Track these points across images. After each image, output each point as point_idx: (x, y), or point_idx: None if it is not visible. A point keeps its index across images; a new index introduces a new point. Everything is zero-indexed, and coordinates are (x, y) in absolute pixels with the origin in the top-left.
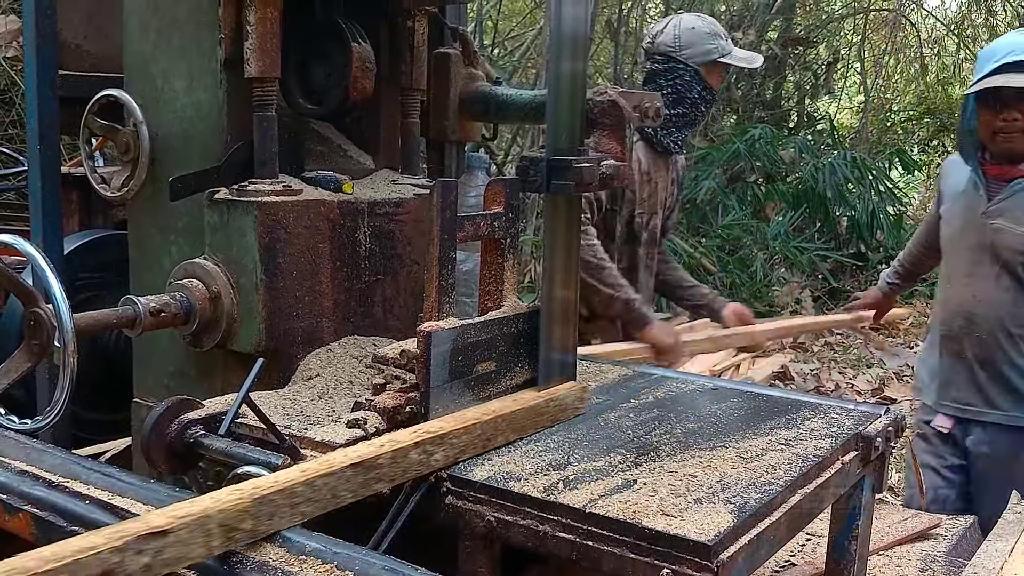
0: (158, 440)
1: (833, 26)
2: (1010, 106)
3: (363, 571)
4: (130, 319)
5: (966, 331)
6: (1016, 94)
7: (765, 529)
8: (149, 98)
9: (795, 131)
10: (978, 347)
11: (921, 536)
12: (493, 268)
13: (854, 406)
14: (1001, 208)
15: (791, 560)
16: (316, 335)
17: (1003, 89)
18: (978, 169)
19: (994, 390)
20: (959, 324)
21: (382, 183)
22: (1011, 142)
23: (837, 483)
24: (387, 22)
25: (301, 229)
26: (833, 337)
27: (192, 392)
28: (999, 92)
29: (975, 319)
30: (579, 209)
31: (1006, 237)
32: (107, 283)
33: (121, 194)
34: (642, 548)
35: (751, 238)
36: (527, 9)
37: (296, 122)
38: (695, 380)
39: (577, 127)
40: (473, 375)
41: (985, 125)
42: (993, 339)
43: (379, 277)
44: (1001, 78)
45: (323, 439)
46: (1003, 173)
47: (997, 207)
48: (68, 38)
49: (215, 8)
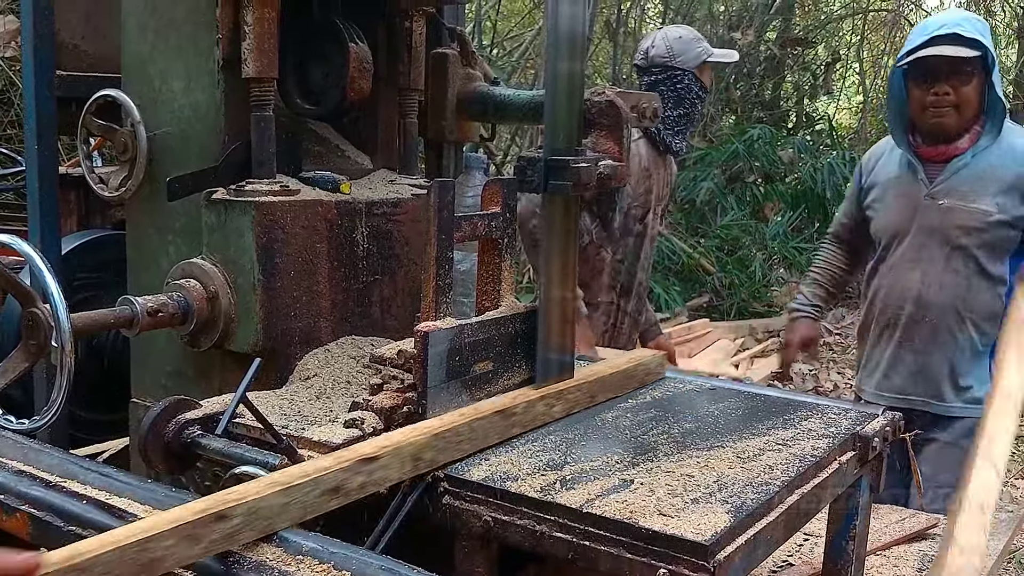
0: (155, 440)
1: (832, 26)
2: (940, 79)
3: (360, 571)
4: (128, 319)
5: (914, 318)
6: (947, 66)
7: (762, 529)
8: (147, 98)
9: (794, 131)
10: (926, 332)
11: (918, 536)
12: (490, 268)
13: (851, 406)
14: (947, 188)
15: (789, 560)
16: (314, 335)
17: (933, 60)
18: (913, 153)
19: (940, 378)
20: (907, 311)
21: (380, 183)
22: (941, 116)
23: (834, 483)
24: (385, 22)
25: (299, 229)
26: (832, 338)
27: (190, 392)
28: (929, 65)
29: (924, 304)
30: (578, 208)
31: (956, 215)
32: (105, 283)
33: (119, 194)
34: (639, 548)
35: (750, 238)
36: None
37: (294, 122)
38: (692, 380)
39: (575, 127)
40: (470, 375)
41: (915, 101)
42: (943, 323)
43: (377, 277)
44: (932, 50)
45: (321, 439)
46: (939, 154)
47: (942, 187)
48: (66, 38)
49: (213, 8)
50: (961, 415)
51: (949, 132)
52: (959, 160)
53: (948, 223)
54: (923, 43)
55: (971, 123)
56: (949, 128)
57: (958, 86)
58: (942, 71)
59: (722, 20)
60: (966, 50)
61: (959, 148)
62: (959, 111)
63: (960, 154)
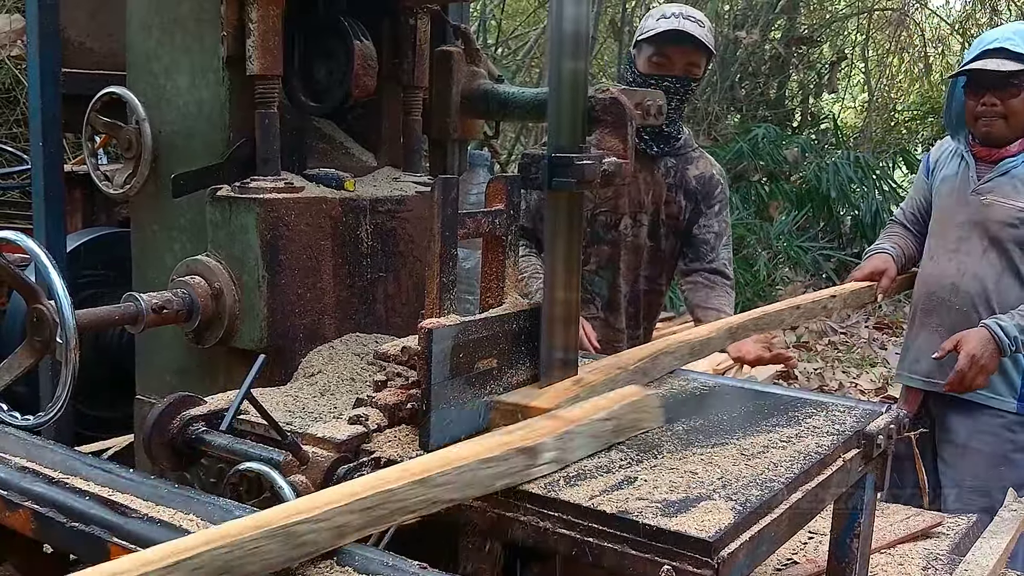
0: (160, 436)
1: (837, 25)
2: (989, 91)
3: (363, 567)
4: (132, 316)
5: (947, 304)
6: (995, 79)
7: (766, 526)
8: (152, 96)
9: (799, 130)
10: (956, 319)
11: (923, 534)
12: (494, 265)
13: (856, 404)
14: (991, 186)
15: (793, 558)
16: (318, 332)
17: (980, 73)
18: (968, 151)
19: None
20: (939, 297)
21: (384, 181)
22: (990, 126)
23: (839, 481)
24: (389, 20)
25: (303, 226)
26: (836, 336)
27: (194, 389)
28: (979, 77)
29: (957, 291)
30: (581, 206)
31: (996, 211)
32: (110, 280)
33: (124, 191)
34: (643, 545)
35: (755, 237)
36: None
37: (298, 119)
38: (697, 378)
39: (579, 125)
40: (474, 372)
41: (968, 109)
42: (974, 311)
43: (381, 274)
44: (980, 63)
45: (325, 435)
46: (990, 155)
47: (987, 185)
48: (71, 36)
49: (217, 6)
50: (981, 402)
51: (998, 140)
52: (1009, 162)
53: (989, 217)
54: (975, 56)
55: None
56: (998, 137)
57: (1005, 98)
58: (989, 83)
59: (727, 19)
60: (1012, 64)
61: (1010, 151)
62: (1007, 121)
63: (1010, 156)
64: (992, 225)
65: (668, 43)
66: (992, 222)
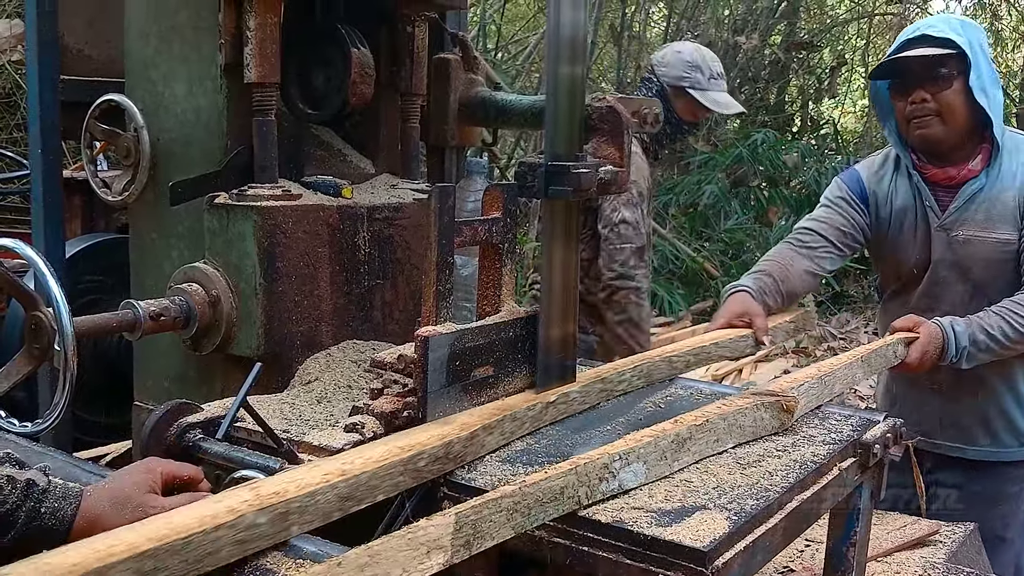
0: (157, 443)
1: (837, 30)
2: (917, 86)
3: None
4: (130, 323)
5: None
6: (920, 68)
7: (761, 535)
8: (150, 103)
9: (799, 136)
10: (951, 376)
11: (920, 543)
12: (491, 273)
13: (853, 412)
14: (961, 217)
15: (789, 566)
16: (315, 339)
17: (904, 65)
18: (917, 172)
19: (971, 424)
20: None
21: (381, 188)
22: (925, 127)
23: (835, 490)
24: (387, 27)
25: (300, 234)
26: (836, 342)
27: (191, 396)
28: (903, 68)
29: None
30: (577, 214)
31: (974, 248)
32: (108, 287)
33: (122, 198)
34: (637, 554)
35: (754, 242)
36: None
37: (296, 127)
38: (694, 385)
39: (576, 132)
40: (471, 379)
41: (899, 114)
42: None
43: (378, 281)
44: (902, 54)
45: (321, 443)
46: (948, 177)
47: (955, 216)
48: (70, 43)
49: (215, 14)
50: (994, 460)
51: (941, 145)
52: (973, 183)
53: (968, 257)
54: (895, 50)
55: (970, 136)
56: (937, 140)
57: (936, 92)
58: (914, 76)
59: (727, 24)
60: (935, 49)
61: (972, 171)
62: (942, 119)
63: (974, 176)
64: (974, 265)
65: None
66: (973, 261)
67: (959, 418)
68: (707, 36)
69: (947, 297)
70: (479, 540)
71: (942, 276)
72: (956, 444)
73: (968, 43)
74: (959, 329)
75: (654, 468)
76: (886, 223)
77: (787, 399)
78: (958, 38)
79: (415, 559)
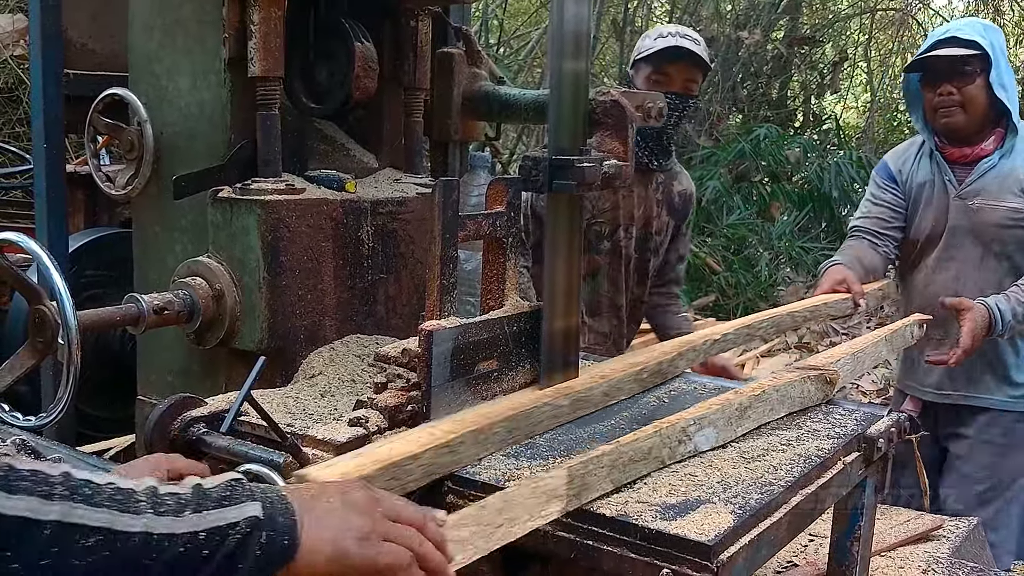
0: (161, 437)
1: (839, 25)
2: (944, 80)
3: None
4: (134, 317)
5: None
6: (948, 66)
7: (766, 529)
8: (153, 97)
9: (801, 131)
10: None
11: (924, 537)
12: (495, 267)
13: (857, 407)
14: (976, 188)
15: (793, 561)
16: (319, 333)
17: (932, 62)
18: (939, 153)
19: (981, 371)
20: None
21: (385, 182)
22: (949, 116)
23: (839, 484)
24: (390, 21)
25: (304, 228)
26: (838, 338)
27: (195, 390)
28: (933, 66)
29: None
30: (581, 208)
31: (986, 214)
32: (112, 281)
33: (126, 192)
34: (642, 548)
35: (756, 238)
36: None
37: (299, 121)
38: (697, 380)
39: (579, 127)
40: (475, 374)
41: (927, 103)
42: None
43: (382, 276)
44: (933, 53)
45: (325, 437)
46: (964, 156)
47: (970, 188)
48: (73, 37)
49: (219, 8)
50: (1003, 408)
51: (962, 132)
52: (986, 161)
53: (980, 222)
54: (928, 48)
55: (987, 123)
56: (959, 127)
57: (961, 86)
58: (943, 72)
59: (729, 19)
60: (962, 50)
61: (986, 150)
62: (965, 110)
63: (987, 155)
64: (986, 230)
65: (667, 61)
66: (985, 226)
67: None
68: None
69: (960, 256)
70: (586, 492)
71: (958, 239)
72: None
73: (991, 45)
74: (1003, 307)
75: (722, 432)
76: (910, 194)
77: (830, 372)
78: (982, 40)
79: (538, 506)
